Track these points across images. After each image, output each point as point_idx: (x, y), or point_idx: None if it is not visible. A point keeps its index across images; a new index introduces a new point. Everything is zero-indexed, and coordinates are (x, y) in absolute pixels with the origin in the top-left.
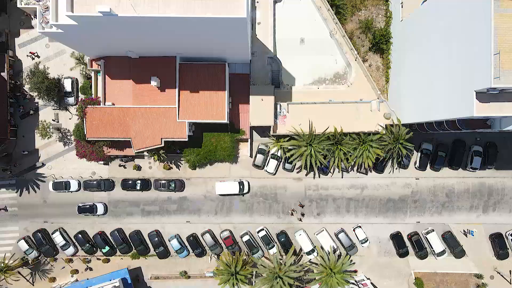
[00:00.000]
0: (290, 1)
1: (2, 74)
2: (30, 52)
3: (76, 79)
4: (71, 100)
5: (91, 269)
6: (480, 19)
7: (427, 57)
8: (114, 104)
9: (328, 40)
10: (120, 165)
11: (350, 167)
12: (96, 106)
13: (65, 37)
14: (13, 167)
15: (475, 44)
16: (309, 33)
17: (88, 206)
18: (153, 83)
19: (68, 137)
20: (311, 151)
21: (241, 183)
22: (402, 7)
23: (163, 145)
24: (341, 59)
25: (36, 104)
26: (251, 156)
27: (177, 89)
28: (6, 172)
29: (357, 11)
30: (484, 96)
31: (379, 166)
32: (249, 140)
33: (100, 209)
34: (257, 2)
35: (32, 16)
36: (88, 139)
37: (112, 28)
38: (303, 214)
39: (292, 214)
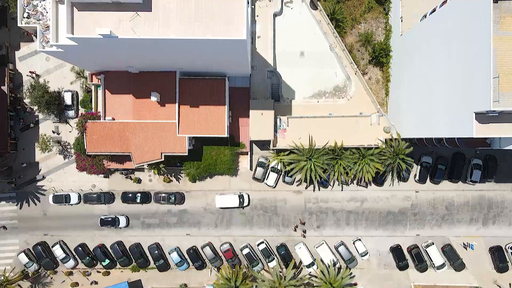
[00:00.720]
0: (290, 14)
1: (3, 87)
2: (30, 71)
3: (76, 92)
4: (71, 113)
5: (96, 282)
6: (479, 41)
7: (426, 74)
8: (114, 119)
9: (328, 53)
10: (126, 177)
11: (350, 180)
12: (96, 121)
13: (65, 55)
14: (18, 179)
15: (475, 66)
16: (309, 46)
17: (110, 219)
18: (153, 98)
19: (68, 150)
20: (311, 165)
21: (241, 196)
22: (401, 21)
23: (163, 159)
24: (341, 72)
25: (36, 118)
26: (251, 169)
27: (177, 104)
28: (11, 185)
29: (357, 24)
30: (484, 117)
31: (379, 179)
32: (249, 153)
33: (123, 221)
34: (257, 16)
35: (33, 36)
36: (88, 153)
37: (112, 47)
38: (304, 231)
39: (295, 230)
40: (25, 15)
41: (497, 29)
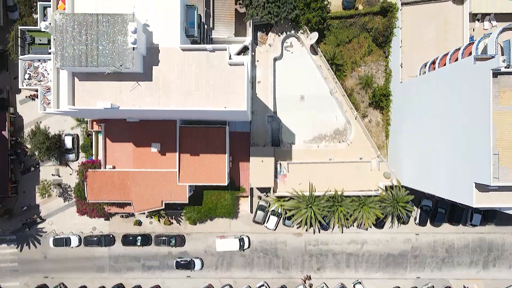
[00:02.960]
0: (290, 58)
1: (3, 132)
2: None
3: (77, 135)
4: (71, 156)
5: None
6: (478, 113)
7: (427, 130)
8: (114, 167)
9: (328, 97)
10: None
11: (350, 224)
12: (97, 170)
13: (66, 114)
14: (31, 219)
15: (474, 136)
16: (309, 90)
17: (186, 262)
18: (154, 149)
19: (69, 192)
20: (311, 213)
21: (241, 240)
22: (401, 67)
23: (163, 207)
24: (341, 115)
25: (37, 164)
26: (251, 211)
27: (177, 153)
28: (25, 226)
29: (357, 66)
30: (484, 186)
31: (379, 222)
32: (249, 196)
33: (198, 264)
34: (257, 61)
35: (34, 97)
36: (89, 201)
37: (112, 112)
38: (311, 285)
39: (304, 282)
40: (26, 76)
41: (497, 104)
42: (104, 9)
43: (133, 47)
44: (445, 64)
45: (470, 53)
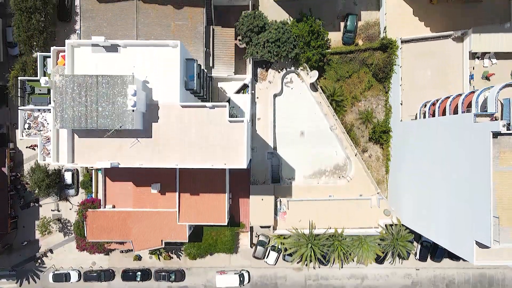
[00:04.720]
0: (290, 94)
1: (3, 169)
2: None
3: (77, 170)
4: (71, 192)
5: None
6: (479, 167)
7: (427, 176)
8: (114, 206)
9: (328, 132)
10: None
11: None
12: (97, 209)
13: None
14: (43, 254)
15: (475, 189)
16: (309, 126)
17: None
18: (153, 191)
19: (68, 227)
20: (311, 253)
21: (241, 275)
22: (401, 104)
23: (163, 246)
24: (341, 150)
25: (37, 201)
26: (251, 246)
27: (177, 193)
28: (36, 261)
29: (357, 101)
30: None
31: (379, 258)
32: (249, 232)
33: None
34: (257, 98)
35: (35, 147)
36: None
37: None
38: None
39: None
40: (26, 126)
41: (497, 164)
42: (104, 67)
43: (133, 109)
44: (445, 108)
45: (470, 103)
